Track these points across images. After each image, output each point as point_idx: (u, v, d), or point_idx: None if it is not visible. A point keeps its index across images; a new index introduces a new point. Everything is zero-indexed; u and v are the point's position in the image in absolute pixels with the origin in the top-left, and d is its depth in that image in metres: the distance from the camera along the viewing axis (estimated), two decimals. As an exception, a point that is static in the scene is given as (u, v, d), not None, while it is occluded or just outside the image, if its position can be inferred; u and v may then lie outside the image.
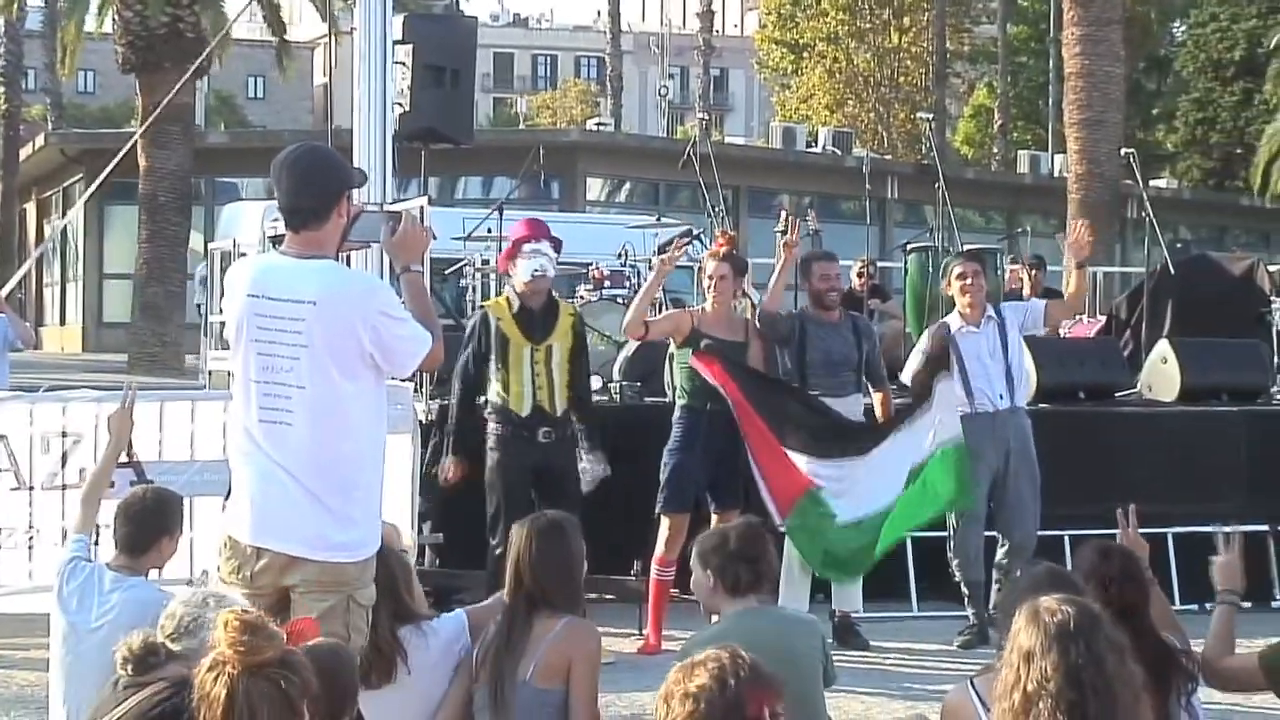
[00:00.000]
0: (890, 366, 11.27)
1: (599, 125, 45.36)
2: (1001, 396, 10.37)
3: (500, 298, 10.27)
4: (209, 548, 8.26)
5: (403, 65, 11.74)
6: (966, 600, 10.55)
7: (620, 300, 13.58)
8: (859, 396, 10.62)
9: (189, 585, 8.29)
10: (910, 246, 14.87)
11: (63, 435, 9.79)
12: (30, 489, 9.75)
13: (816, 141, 41.30)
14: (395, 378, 6.50)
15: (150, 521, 6.37)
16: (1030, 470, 10.45)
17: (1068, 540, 10.77)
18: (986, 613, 10.06)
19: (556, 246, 10.08)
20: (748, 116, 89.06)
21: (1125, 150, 17.92)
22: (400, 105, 11.56)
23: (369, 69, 10.39)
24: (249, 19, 42.31)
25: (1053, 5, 42.39)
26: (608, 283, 14.41)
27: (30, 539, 9.72)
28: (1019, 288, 15.37)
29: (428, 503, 10.43)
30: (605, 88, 60.91)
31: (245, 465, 5.57)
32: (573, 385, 9.98)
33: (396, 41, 11.20)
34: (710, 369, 9.88)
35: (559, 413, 9.80)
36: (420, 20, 12.75)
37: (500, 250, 11.61)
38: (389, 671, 5.84)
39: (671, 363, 10.63)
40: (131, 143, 12.85)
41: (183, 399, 10.47)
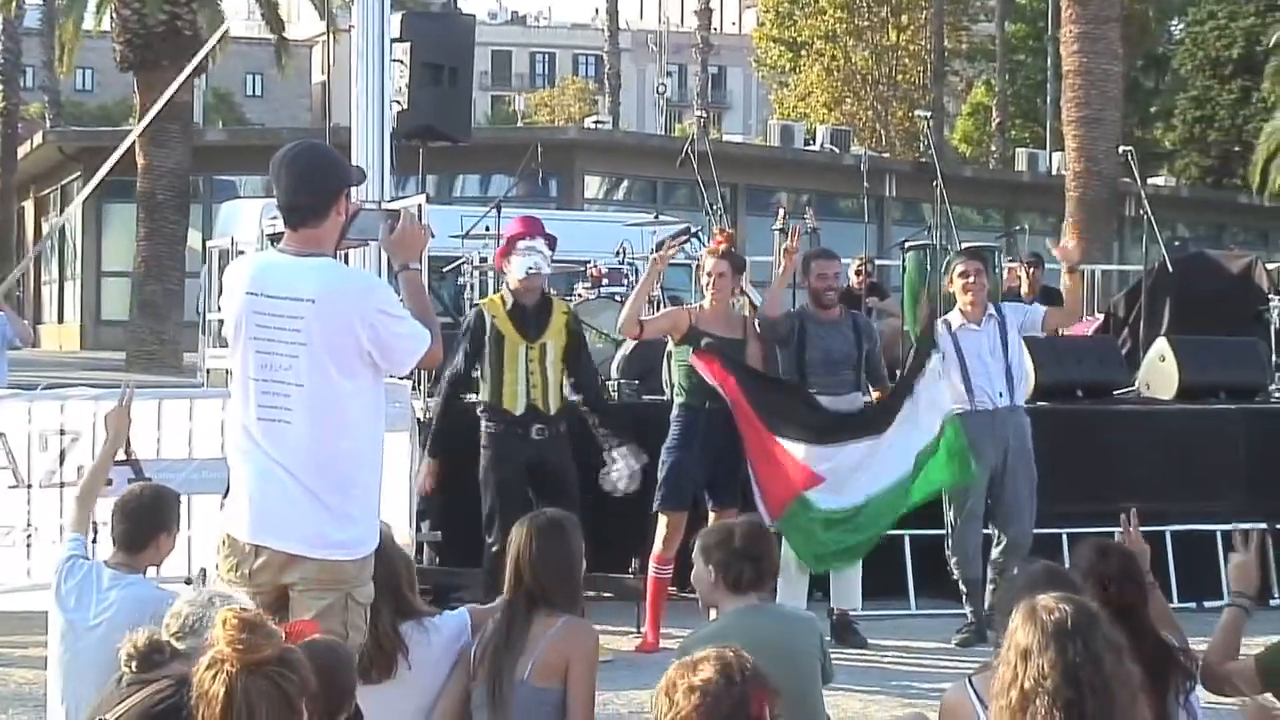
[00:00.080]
0: (889, 364, 11.28)
1: (597, 123, 45.34)
2: (1001, 395, 10.37)
3: (495, 295, 10.27)
4: (207, 546, 8.26)
5: (401, 63, 11.74)
6: (964, 598, 10.55)
7: (618, 298, 13.56)
8: (858, 395, 10.62)
9: (187, 583, 8.28)
10: (908, 244, 14.82)
11: (61, 433, 9.79)
12: (28, 487, 9.76)
13: (814, 139, 41.30)
14: (393, 376, 6.50)
15: (147, 519, 6.38)
16: (1028, 469, 10.46)
17: (1065, 538, 10.77)
18: (984, 610, 10.07)
19: (551, 244, 10.08)
20: (746, 114, 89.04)
21: (1123, 148, 17.86)
22: (398, 103, 11.55)
23: (367, 67, 10.37)
24: (247, 17, 42.32)
25: (1050, 3, 42.45)
26: (606, 280, 14.40)
27: (28, 537, 9.72)
28: (1017, 286, 15.35)
29: (426, 501, 10.43)
30: (603, 85, 60.92)
31: (244, 463, 5.57)
32: (581, 384, 10.01)
33: (394, 39, 11.19)
34: (710, 367, 9.89)
35: (552, 411, 9.81)
36: (418, 18, 12.76)
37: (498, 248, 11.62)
38: (389, 667, 5.85)
39: (669, 361, 10.61)
40: (130, 141, 12.84)
41: (181, 397, 10.47)
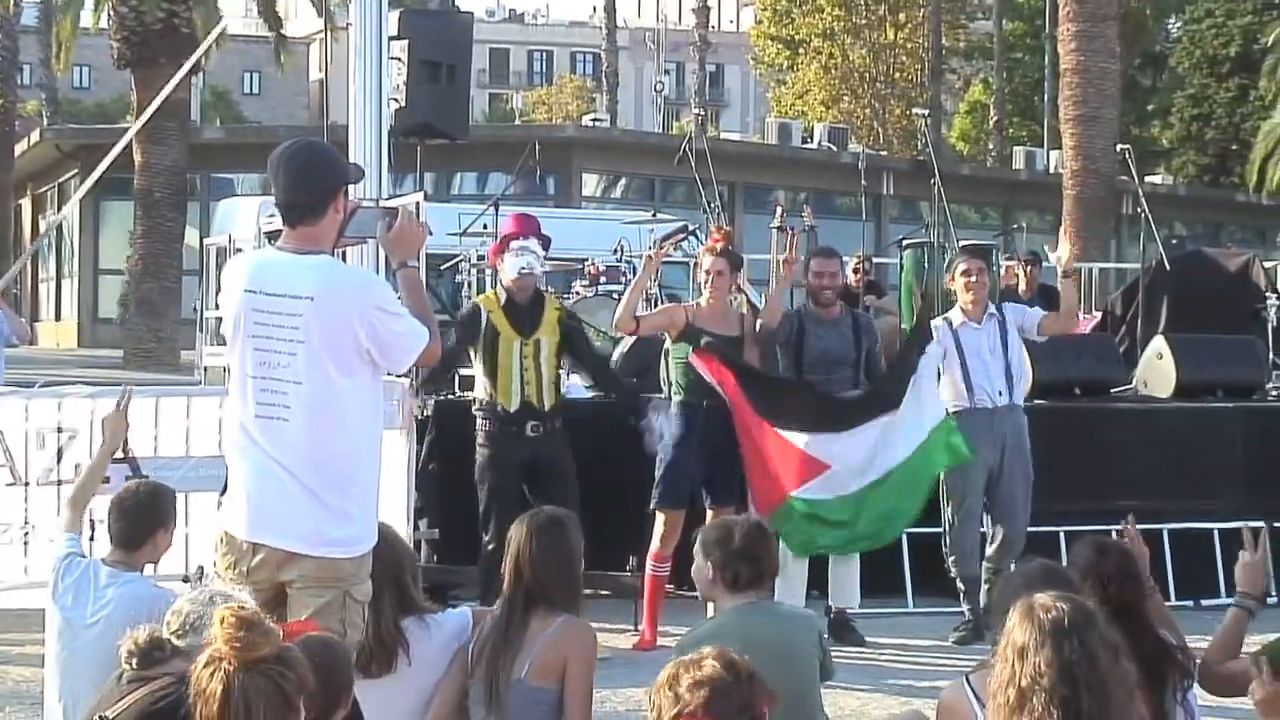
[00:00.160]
0: (887, 363, 11.27)
1: (594, 121, 45.35)
2: (1001, 393, 10.37)
3: (490, 291, 10.28)
4: (205, 543, 8.27)
5: (398, 61, 11.72)
6: (962, 596, 10.56)
7: (615, 296, 13.55)
8: (857, 394, 10.61)
9: (185, 581, 8.28)
10: (906, 242, 14.83)
11: (58, 431, 9.79)
12: (26, 485, 9.76)
13: (812, 137, 41.31)
14: (391, 373, 6.50)
15: (144, 516, 6.38)
16: (1025, 468, 10.46)
17: (1063, 536, 10.77)
18: (981, 608, 10.07)
19: (545, 243, 10.09)
20: (743, 112, 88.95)
21: (1121, 146, 17.87)
22: (396, 100, 11.54)
23: (365, 64, 10.36)
24: (244, 15, 42.30)
25: (1048, 1, 42.41)
26: (603, 278, 14.39)
27: (26, 534, 9.73)
28: (1015, 284, 15.34)
29: (423, 499, 10.44)
30: (601, 83, 60.92)
31: (242, 461, 5.57)
32: (592, 372, 10.23)
33: (392, 37, 11.18)
34: (709, 365, 9.89)
35: (547, 407, 9.82)
36: (416, 16, 12.74)
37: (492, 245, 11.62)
38: (390, 662, 5.85)
39: (667, 358, 10.61)
40: (127, 138, 12.80)
41: (178, 395, 10.47)
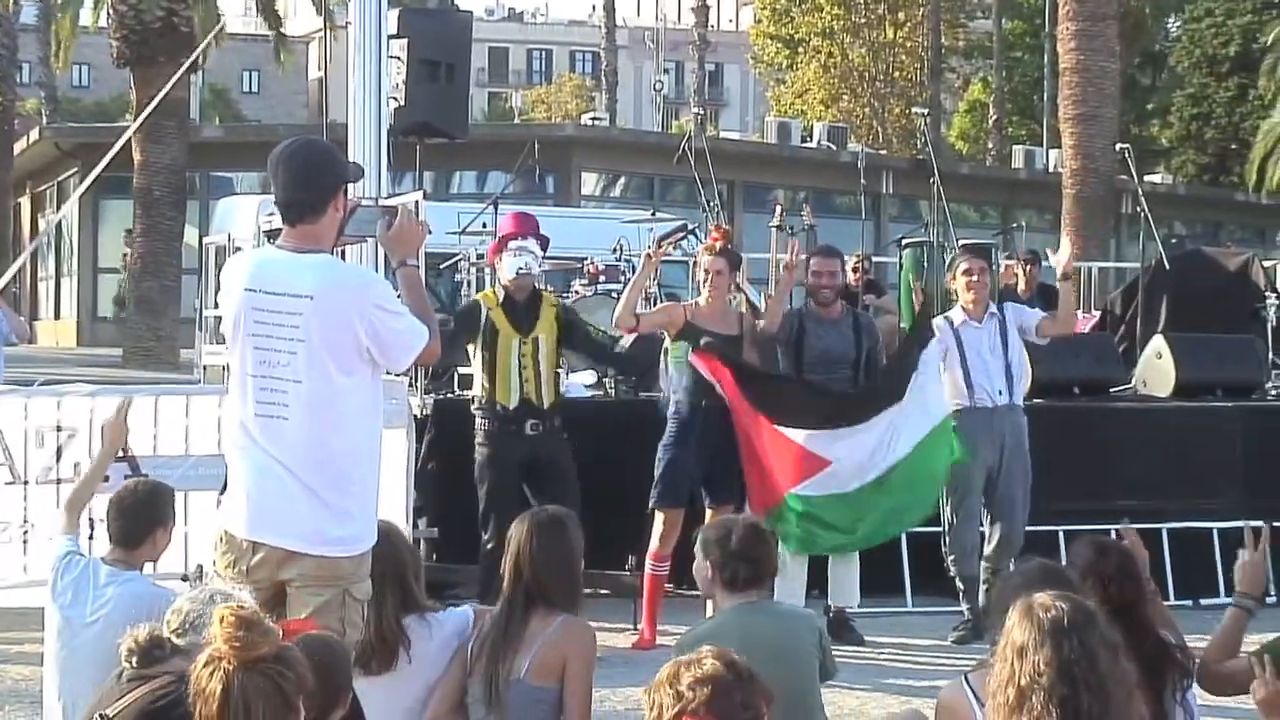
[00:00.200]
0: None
1: (594, 120, 45.33)
2: (1001, 393, 10.37)
3: (489, 289, 10.27)
4: (204, 542, 8.26)
5: (398, 60, 11.72)
6: (961, 595, 10.55)
7: (615, 295, 13.55)
8: (859, 390, 10.62)
9: (184, 580, 8.28)
10: (905, 241, 14.79)
11: (57, 429, 9.78)
12: (25, 483, 9.75)
13: (811, 136, 41.31)
14: (391, 372, 6.50)
15: (143, 514, 6.38)
16: (1023, 467, 10.46)
17: (1062, 535, 10.78)
18: (981, 608, 10.07)
19: (543, 243, 10.08)
20: (743, 111, 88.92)
21: (1120, 145, 17.86)
22: (395, 99, 11.54)
23: (364, 63, 10.37)
24: (244, 13, 42.28)
25: (1048, 0, 42.39)
26: (603, 277, 14.38)
27: (25, 533, 9.72)
28: (1014, 283, 15.33)
29: (422, 498, 10.43)
30: (600, 82, 60.89)
31: (241, 460, 5.57)
32: (599, 356, 10.40)
33: (391, 36, 11.17)
34: (708, 364, 9.89)
35: (546, 405, 9.82)
36: (415, 14, 12.73)
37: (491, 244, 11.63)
38: (391, 659, 5.86)
39: (666, 357, 10.61)
40: (126, 137, 12.79)
41: (177, 393, 10.46)
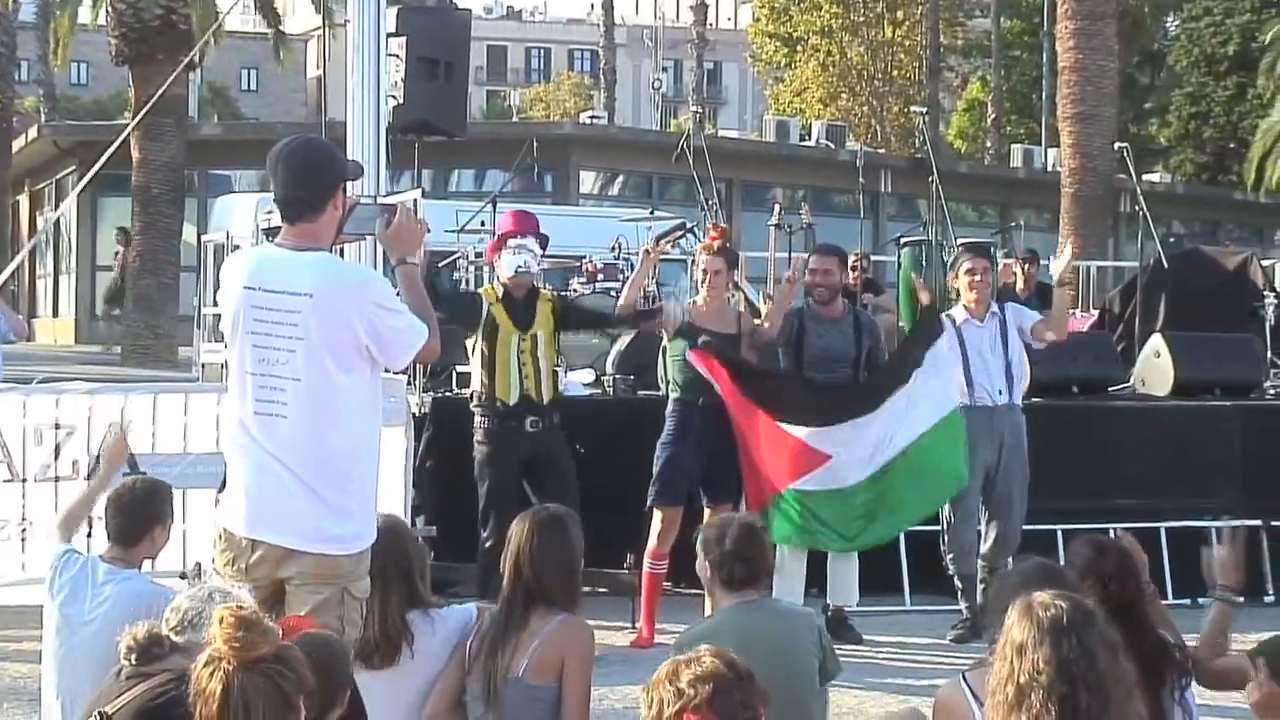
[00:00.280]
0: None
1: (592, 118, 45.17)
2: (1000, 392, 10.38)
3: (489, 285, 10.26)
4: (202, 540, 8.26)
5: (396, 58, 11.73)
6: (959, 594, 10.56)
7: (613, 294, 13.55)
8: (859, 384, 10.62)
9: (182, 578, 8.29)
10: (903, 240, 14.80)
11: (56, 427, 9.79)
12: (23, 481, 9.76)
13: (810, 135, 41.21)
14: (390, 370, 6.50)
15: (141, 512, 6.38)
16: (1021, 467, 10.46)
17: (1060, 534, 10.78)
18: (979, 606, 10.07)
19: (543, 242, 10.08)
20: (741, 110, 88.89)
21: (1119, 144, 17.90)
22: (394, 97, 11.56)
23: (363, 61, 10.36)
24: (242, 11, 42.22)
25: (1046, -1, 42.39)
26: (601, 276, 14.36)
27: (23, 531, 9.73)
28: (1012, 282, 15.33)
29: (420, 496, 10.43)
30: (599, 81, 60.74)
31: (240, 458, 5.57)
32: (599, 323, 10.86)
33: (390, 34, 11.18)
34: (705, 363, 9.89)
35: (546, 400, 9.81)
36: (414, 13, 12.75)
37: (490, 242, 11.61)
38: (394, 655, 5.88)
39: (664, 356, 10.62)
40: (125, 134, 12.76)
41: (176, 391, 10.46)
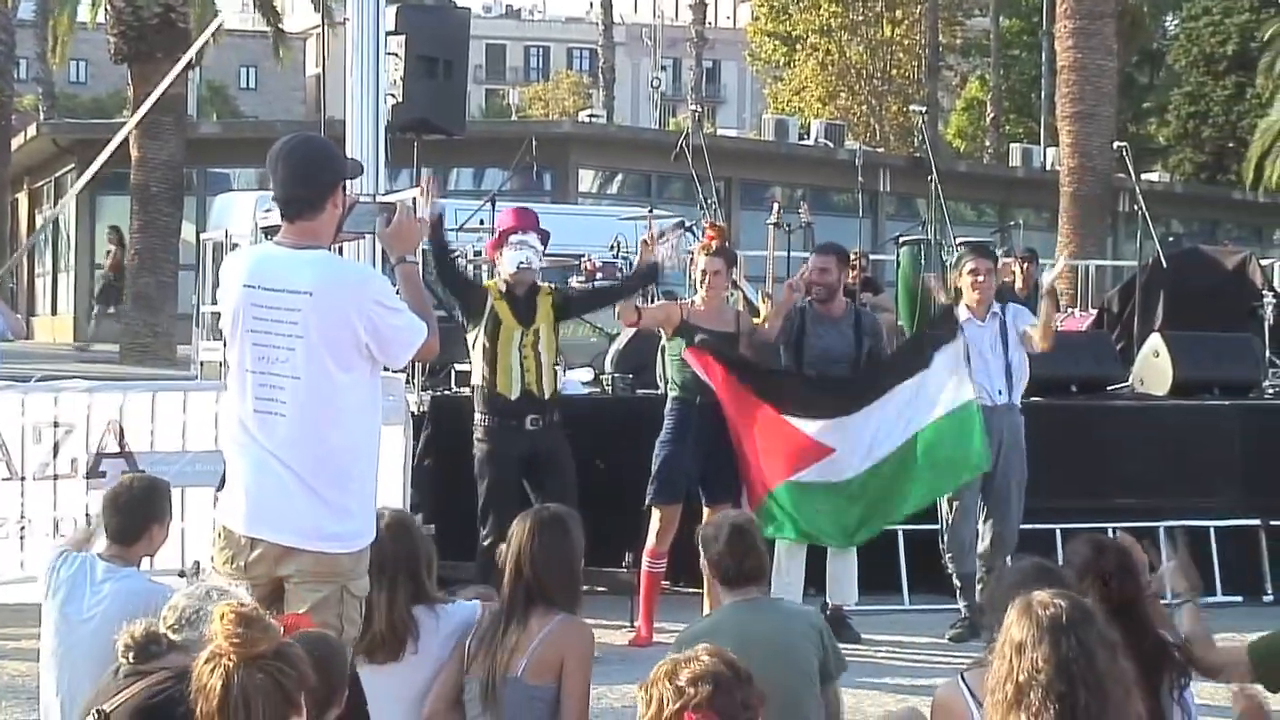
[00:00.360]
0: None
1: (591, 117, 45.11)
2: (1000, 392, 10.37)
3: (491, 281, 10.26)
4: (201, 538, 8.26)
5: (395, 56, 11.72)
6: (958, 593, 10.56)
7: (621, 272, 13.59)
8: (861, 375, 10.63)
9: (181, 576, 8.29)
10: (902, 239, 14.78)
11: (54, 425, 9.78)
12: (22, 479, 9.74)
13: (809, 134, 41.18)
14: (389, 369, 6.50)
15: (139, 510, 6.38)
16: (1019, 467, 10.46)
17: (1059, 533, 10.78)
18: (978, 605, 10.07)
19: (544, 238, 10.08)
20: (740, 109, 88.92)
21: (1118, 144, 17.90)
22: (393, 96, 11.54)
23: (362, 60, 10.36)
24: (241, 9, 42.23)
25: (1045, -2, 42.40)
26: (600, 274, 14.38)
27: (22, 529, 9.71)
28: (1011, 281, 15.32)
29: (419, 494, 10.42)
30: (597, 79, 60.67)
31: (240, 456, 5.57)
32: (603, 298, 10.69)
33: (389, 32, 11.17)
34: (701, 362, 9.88)
35: (547, 395, 9.80)
36: (413, 11, 12.71)
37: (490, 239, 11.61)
38: (399, 650, 5.89)
39: (663, 355, 10.62)
40: (124, 133, 12.77)
41: (175, 389, 10.46)
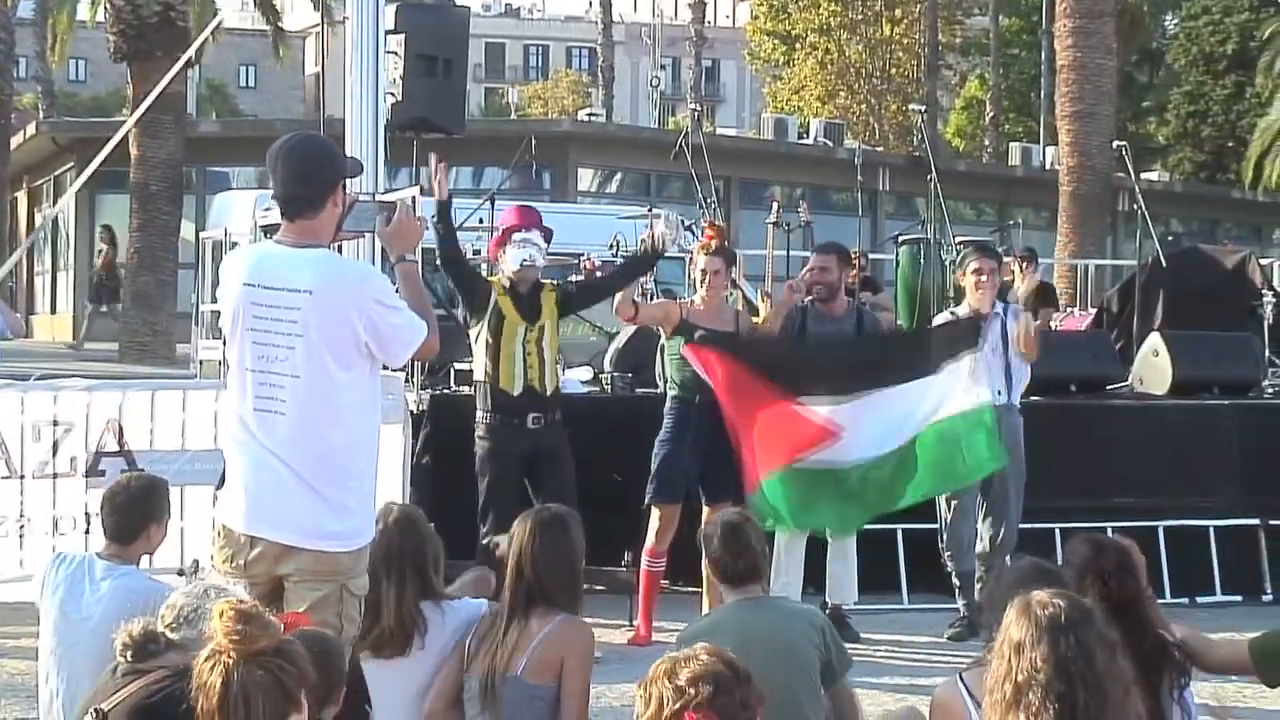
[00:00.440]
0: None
1: (590, 116, 45.08)
2: (999, 392, 10.34)
3: (495, 277, 10.25)
4: (200, 537, 8.27)
5: (395, 55, 11.72)
6: (957, 592, 10.56)
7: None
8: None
9: (180, 574, 8.28)
10: (901, 238, 14.77)
11: (54, 424, 9.78)
12: (21, 478, 9.74)
13: (808, 133, 41.17)
14: (388, 367, 6.50)
15: (136, 509, 6.38)
16: (1017, 467, 10.44)
17: (1058, 533, 10.77)
18: (977, 604, 10.07)
19: (547, 236, 10.07)
20: (739, 108, 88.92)
21: (1117, 143, 17.89)
22: (392, 95, 11.54)
23: (361, 58, 10.35)
24: (241, 8, 42.21)
25: (1044, -3, 42.39)
26: (599, 273, 14.37)
27: (21, 527, 9.71)
28: (1010, 280, 15.34)
29: (417, 493, 10.42)
30: (597, 78, 60.66)
31: (239, 454, 5.57)
32: (607, 286, 10.35)
33: (389, 31, 11.16)
34: (699, 357, 9.82)
35: (549, 392, 9.78)
36: (413, 10, 12.72)
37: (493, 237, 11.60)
38: (405, 645, 5.90)
39: (663, 354, 10.61)
40: (123, 131, 12.76)
41: (174, 388, 10.46)
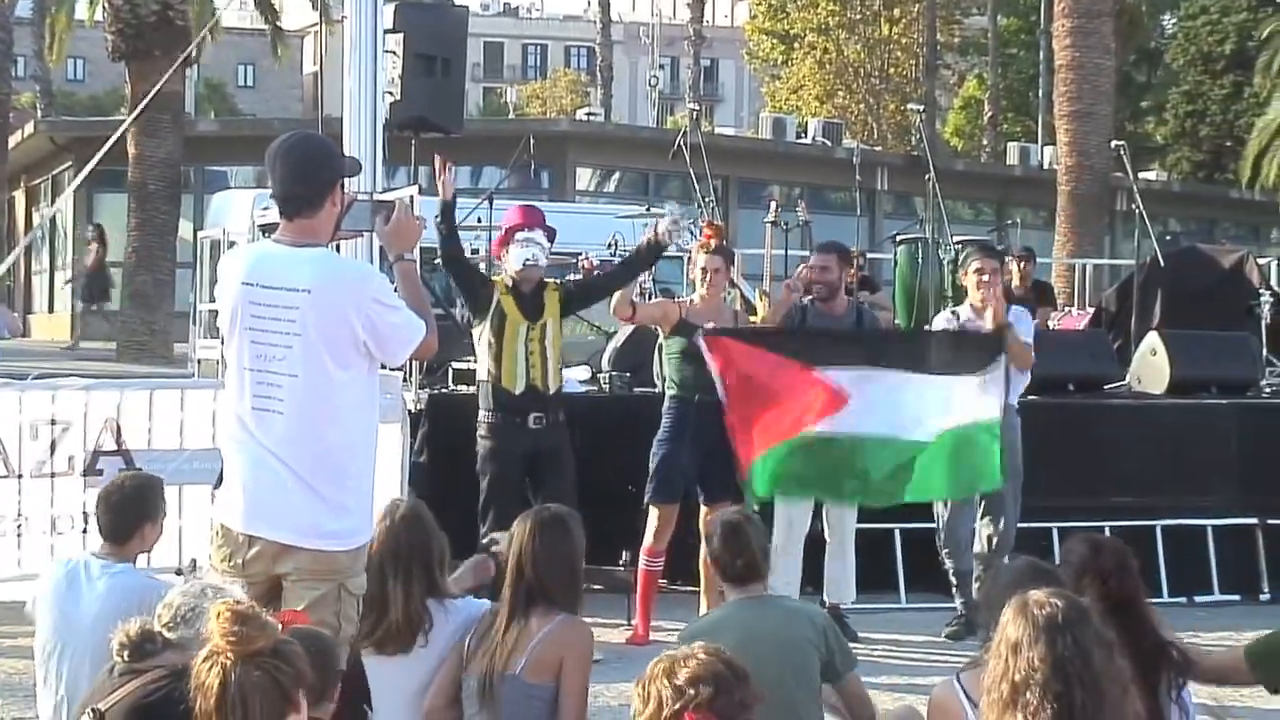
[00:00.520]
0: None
1: (589, 115, 45.08)
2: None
3: (497, 277, 10.25)
4: (199, 536, 8.26)
5: (393, 54, 11.72)
6: (955, 590, 10.56)
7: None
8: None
9: (178, 573, 8.28)
10: (900, 238, 14.77)
11: (51, 423, 9.77)
12: (19, 477, 9.72)
13: (806, 132, 41.17)
14: (387, 366, 6.50)
15: (131, 509, 6.38)
16: (1016, 467, 10.44)
17: (1056, 532, 10.78)
18: (974, 603, 10.07)
19: (550, 235, 10.06)
20: (738, 107, 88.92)
21: (1115, 142, 17.89)
22: (391, 94, 11.54)
23: (360, 58, 10.36)
24: (239, 7, 42.19)
25: (1043, -3, 42.39)
26: (597, 273, 14.36)
27: (19, 527, 9.70)
28: (1009, 280, 15.32)
29: (417, 492, 10.41)
30: (595, 78, 60.64)
31: (238, 453, 5.57)
32: (609, 282, 10.26)
33: (387, 30, 11.16)
34: (713, 345, 9.71)
35: (551, 390, 9.77)
36: (411, 9, 12.72)
37: (491, 239, 11.61)
38: (409, 642, 5.92)
39: (661, 353, 10.61)
40: (122, 131, 12.78)
41: (172, 387, 10.45)
